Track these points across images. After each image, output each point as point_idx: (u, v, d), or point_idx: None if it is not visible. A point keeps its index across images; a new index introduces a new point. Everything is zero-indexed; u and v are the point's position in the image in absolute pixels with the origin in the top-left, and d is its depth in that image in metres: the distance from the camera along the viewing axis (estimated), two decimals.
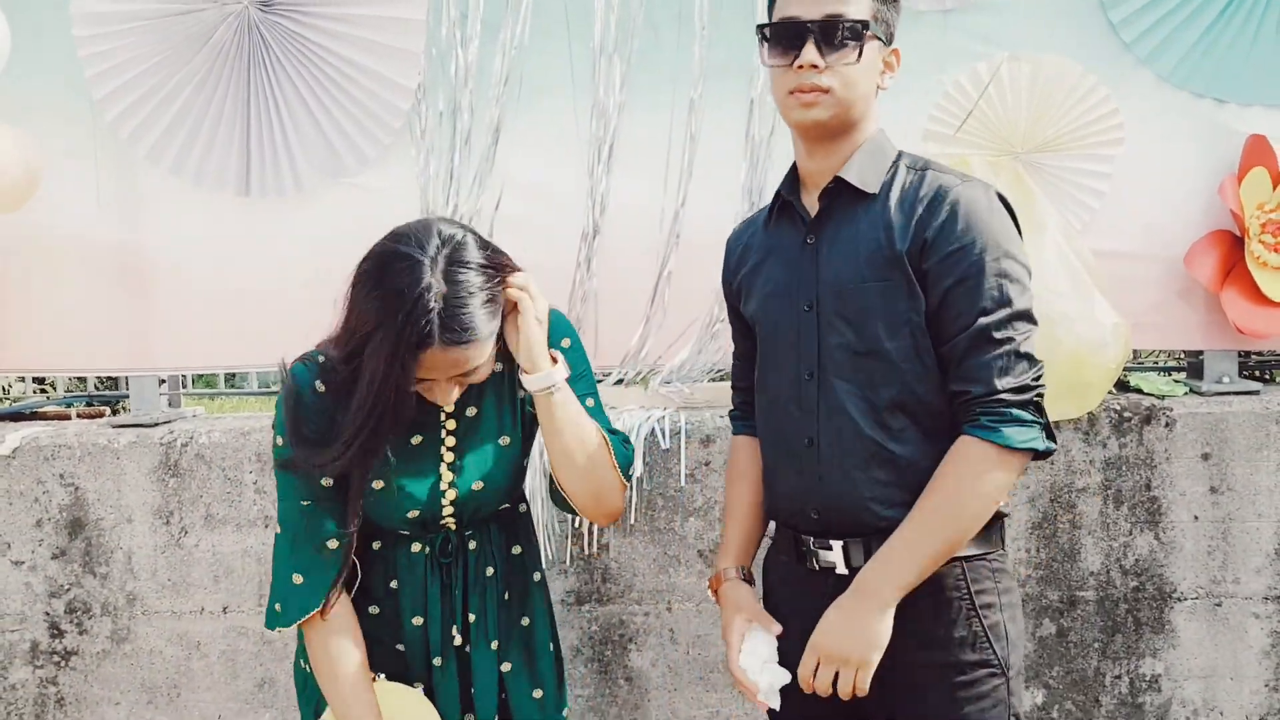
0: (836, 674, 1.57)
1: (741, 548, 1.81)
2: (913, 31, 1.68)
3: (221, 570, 2.60)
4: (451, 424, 1.73)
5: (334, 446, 1.60)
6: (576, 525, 2.54)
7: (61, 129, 2.67)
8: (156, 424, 2.71)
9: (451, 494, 1.72)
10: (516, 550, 1.84)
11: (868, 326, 1.61)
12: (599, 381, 2.26)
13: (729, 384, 2.66)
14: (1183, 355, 2.89)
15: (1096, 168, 2.50)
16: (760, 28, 1.65)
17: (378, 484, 1.68)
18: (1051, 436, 1.59)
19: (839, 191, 1.65)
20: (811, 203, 1.69)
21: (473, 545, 1.78)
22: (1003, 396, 1.55)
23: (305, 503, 1.68)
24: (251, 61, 2.58)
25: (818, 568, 1.68)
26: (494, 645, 1.79)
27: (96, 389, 3.47)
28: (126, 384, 2.92)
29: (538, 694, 1.83)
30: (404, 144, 2.63)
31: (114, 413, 2.97)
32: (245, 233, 2.68)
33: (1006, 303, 1.57)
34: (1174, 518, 2.49)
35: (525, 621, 1.84)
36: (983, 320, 1.56)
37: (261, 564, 2.58)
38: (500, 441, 1.75)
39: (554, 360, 1.68)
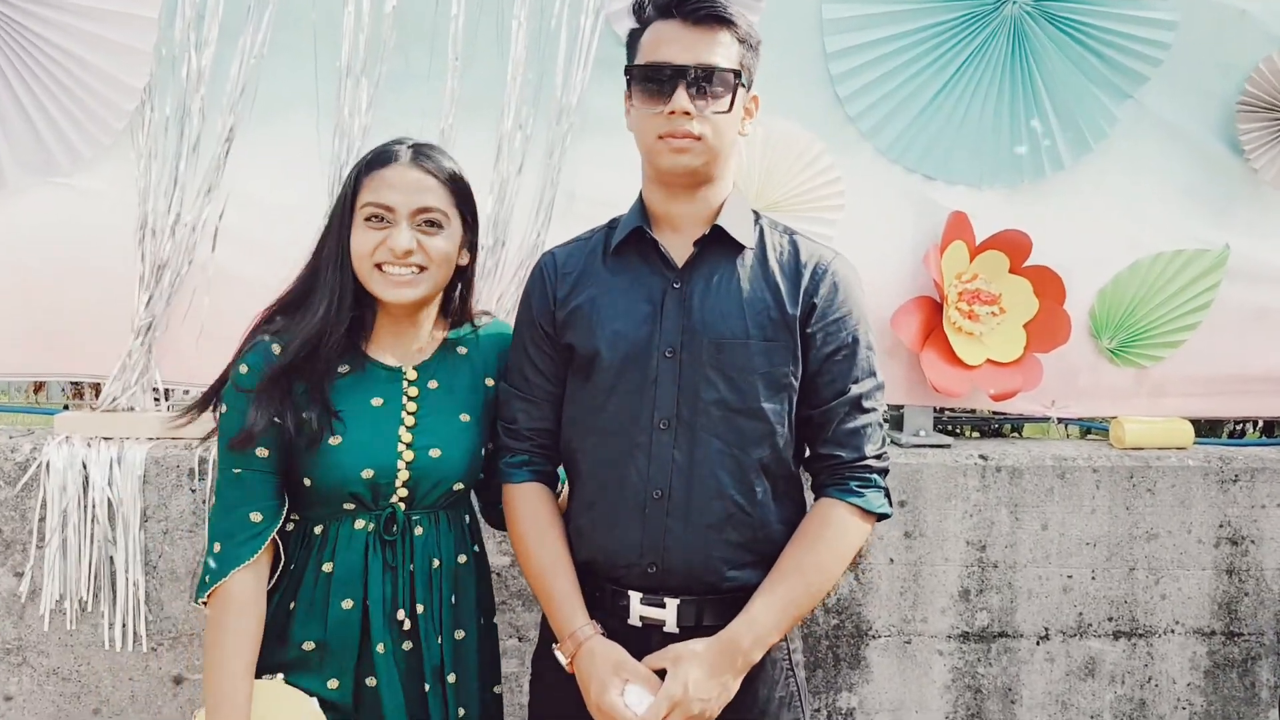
0: None
1: (582, 603, 1.69)
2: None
3: None
4: (414, 391, 1.76)
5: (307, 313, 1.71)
6: None
7: None
8: None
9: (409, 456, 1.72)
10: (463, 559, 1.81)
11: (748, 384, 1.63)
12: None
13: None
14: (887, 409, 3.12)
15: (821, 230, 2.66)
16: (628, 69, 1.65)
17: (335, 440, 1.68)
18: (891, 501, 1.69)
19: (712, 240, 1.67)
20: (676, 246, 1.69)
21: (419, 531, 1.75)
22: (869, 463, 1.64)
23: (236, 470, 1.67)
24: None
25: (640, 624, 1.66)
26: (439, 642, 1.77)
27: None
28: None
29: (461, 712, 1.82)
30: (123, 146, 2.46)
31: None
32: None
33: (873, 373, 1.67)
34: (872, 560, 2.67)
35: (459, 635, 1.81)
36: (855, 389, 1.64)
37: None
38: (461, 418, 1.78)
39: None
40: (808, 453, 1.75)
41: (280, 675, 1.72)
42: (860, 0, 2.65)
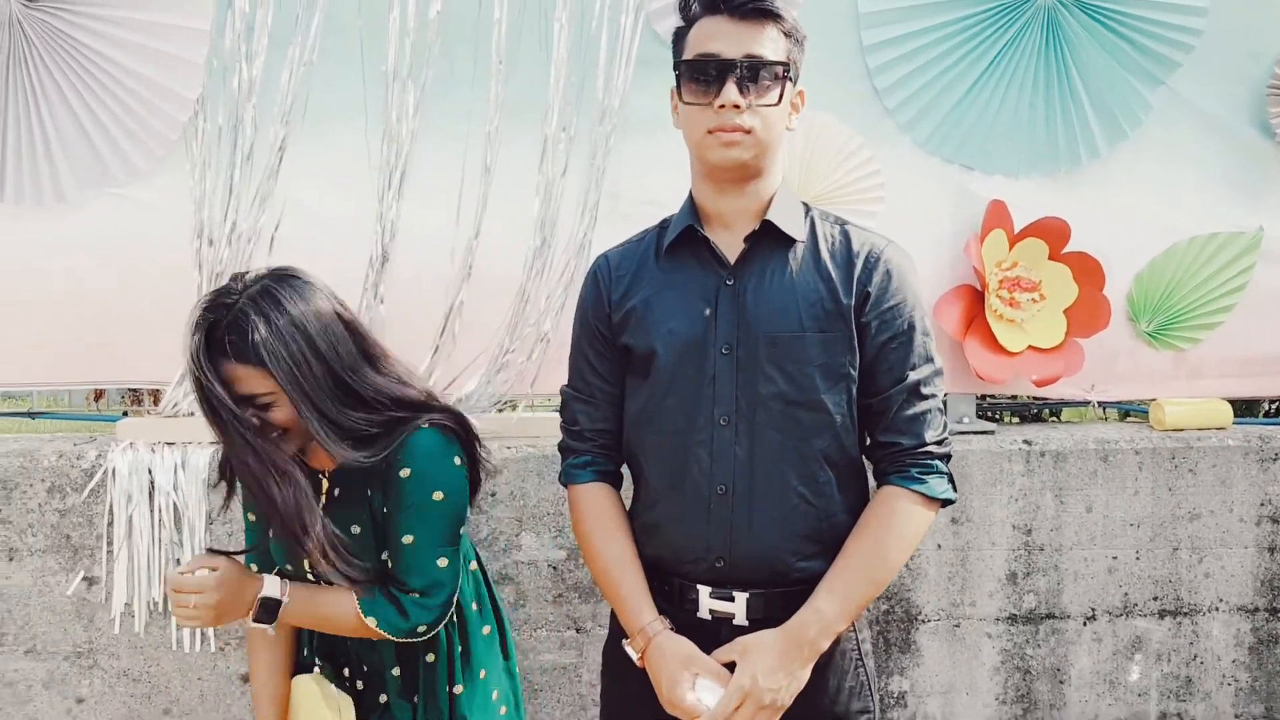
0: None
1: (650, 599, 1.70)
2: None
3: None
4: (324, 499, 1.79)
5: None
6: None
7: None
8: None
9: (309, 561, 1.73)
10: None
11: (805, 376, 1.64)
12: None
13: (515, 415, 2.69)
14: None
15: (862, 223, 2.69)
16: (676, 65, 1.65)
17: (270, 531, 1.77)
18: (954, 487, 1.69)
19: (762, 235, 1.67)
20: (727, 243, 1.69)
21: None
22: (930, 449, 1.65)
23: (252, 517, 1.88)
24: (12, 59, 2.39)
25: (710, 618, 1.68)
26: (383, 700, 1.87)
27: None
28: None
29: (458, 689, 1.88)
30: (178, 157, 2.50)
31: None
32: None
33: (930, 359, 1.67)
34: (921, 546, 2.70)
35: (395, 672, 1.87)
36: (913, 376, 1.65)
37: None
38: (352, 530, 1.76)
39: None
40: (868, 441, 1.76)
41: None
42: None
